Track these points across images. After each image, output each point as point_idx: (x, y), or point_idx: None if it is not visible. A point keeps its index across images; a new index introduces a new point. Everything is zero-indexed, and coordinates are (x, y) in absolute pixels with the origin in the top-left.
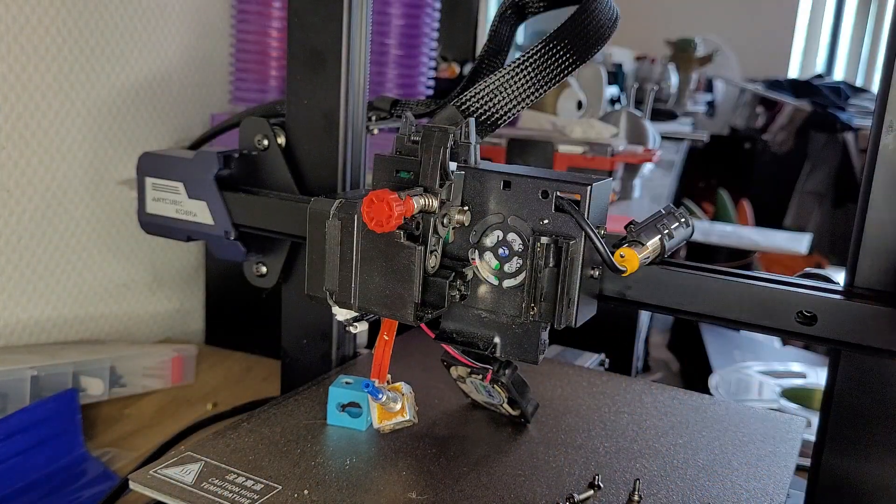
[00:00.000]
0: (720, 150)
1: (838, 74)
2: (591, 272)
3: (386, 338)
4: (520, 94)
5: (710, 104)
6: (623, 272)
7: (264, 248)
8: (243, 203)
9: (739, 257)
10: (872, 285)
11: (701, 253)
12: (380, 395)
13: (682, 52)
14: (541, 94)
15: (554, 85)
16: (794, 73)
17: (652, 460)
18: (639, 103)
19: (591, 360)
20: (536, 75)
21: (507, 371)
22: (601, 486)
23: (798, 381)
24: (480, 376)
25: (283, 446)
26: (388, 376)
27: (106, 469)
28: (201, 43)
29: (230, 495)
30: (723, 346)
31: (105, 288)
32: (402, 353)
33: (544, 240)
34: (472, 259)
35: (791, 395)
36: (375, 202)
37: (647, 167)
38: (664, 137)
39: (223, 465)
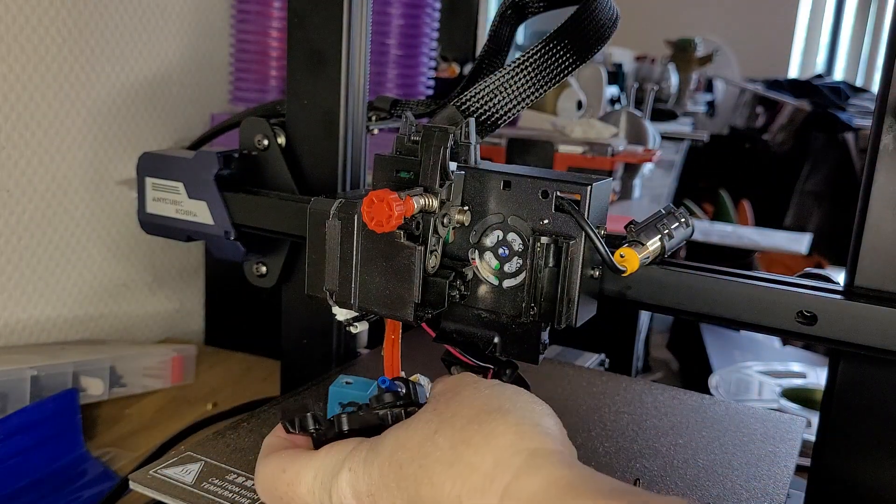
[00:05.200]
0: (720, 150)
1: (838, 74)
2: (591, 272)
3: (392, 337)
4: (520, 94)
5: (710, 104)
6: (623, 272)
7: (264, 248)
8: (243, 203)
9: (739, 257)
10: (872, 285)
11: (701, 253)
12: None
13: (682, 52)
14: (541, 94)
15: (554, 85)
16: (794, 73)
17: (652, 460)
18: (639, 103)
19: (591, 360)
20: (536, 75)
21: (508, 371)
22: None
23: (798, 381)
24: (481, 376)
25: None
26: (402, 372)
27: (106, 469)
28: (201, 43)
29: (230, 495)
30: (723, 346)
31: (105, 288)
32: (402, 352)
33: (544, 240)
34: (472, 259)
35: (791, 395)
36: (375, 202)
37: (647, 167)
38: (664, 137)
39: (223, 465)
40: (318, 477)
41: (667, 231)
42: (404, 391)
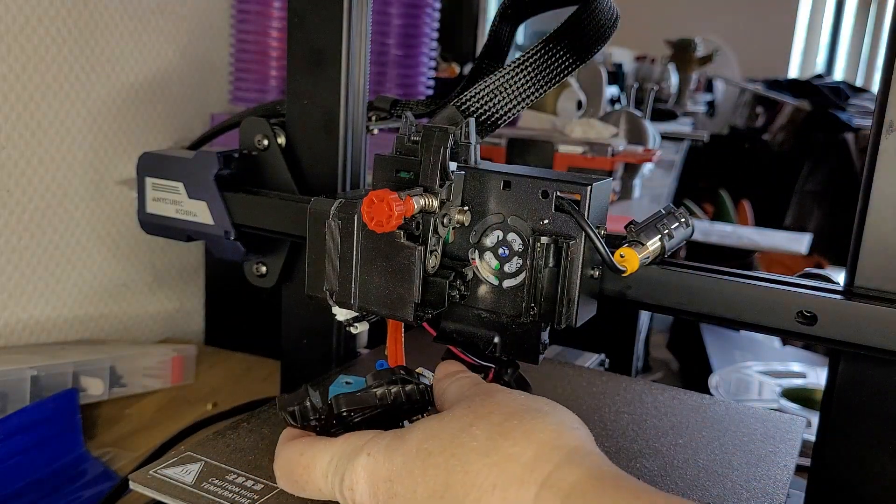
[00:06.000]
0: (720, 150)
1: (838, 74)
2: (591, 272)
3: (396, 334)
4: (520, 94)
5: (710, 104)
6: (623, 272)
7: (264, 248)
8: (243, 203)
9: (739, 257)
10: (872, 285)
11: (701, 253)
12: None
13: (682, 52)
14: (541, 94)
15: (554, 85)
16: (794, 73)
17: (652, 460)
18: (639, 103)
19: (591, 360)
20: (536, 75)
21: (509, 370)
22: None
23: (798, 381)
24: (482, 375)
25: None
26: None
27: (106, 469)
28: (201, 43)
29: (230, 495)
30: (723, 346)
31: (105, 288)
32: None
33: (544, 240)
34: (472, 259)
35: (791, 395)
36: (375, 202)
37: (647, 167)
38: (664, 137)
39: (223, 465)
40: (334, 461)
41: (667, 231)
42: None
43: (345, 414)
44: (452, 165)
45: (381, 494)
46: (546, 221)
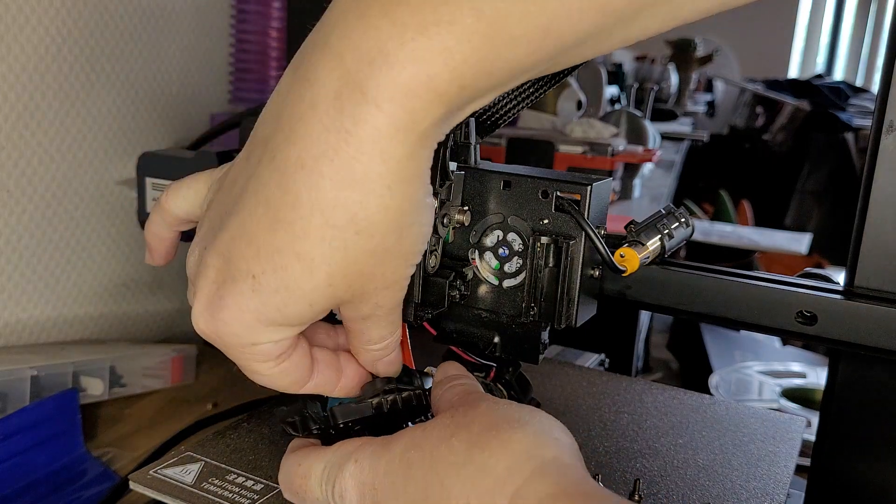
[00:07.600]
0: (720, 150)
1: (838, 74)
2: (591, 272)
3: (401, 336)
4: (520, 94)
5: (710, 104)
6: (623, 272)
7: None
8: None
9: (739, 257)
10: (872, 285)
11: (701, 253)
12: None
13: (682, 52)
14: (541, 93)
15: (554, 85)
16: (794, 73)
17: (652, 460)
18: (639, 103)
19: (591, 360)
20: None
21: (510, 369)
22: (601, 486)
23: (798, 381)
24: (483, 374)
25: (284, 446)
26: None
27: (106, 469)
28: (201, 43)
29: (230, 495)
30: (723, 346)
31: (105, 288)
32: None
33: (544, 240)
34: (472, 259)
35: (791, 395)
36: None
37: (647, 167)
38: (664, 137)
39: (223, 465)
40: (327, 469)
41: (667, 231)
42: (406, 379)
43: (342, 425)
44: (452, 165)
45: (368, 501)
46: (546, 221)
